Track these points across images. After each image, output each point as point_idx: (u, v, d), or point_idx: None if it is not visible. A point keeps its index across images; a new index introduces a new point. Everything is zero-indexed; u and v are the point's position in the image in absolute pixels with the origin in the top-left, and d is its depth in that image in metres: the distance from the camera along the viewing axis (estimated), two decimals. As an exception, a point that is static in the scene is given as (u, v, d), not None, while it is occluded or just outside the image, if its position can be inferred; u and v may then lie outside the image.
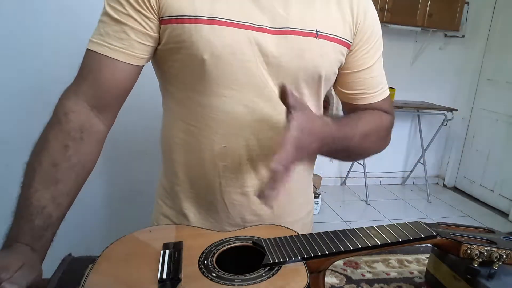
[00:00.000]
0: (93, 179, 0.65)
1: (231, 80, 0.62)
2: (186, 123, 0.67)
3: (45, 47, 1.29)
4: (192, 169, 0.69)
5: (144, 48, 0.62)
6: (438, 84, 3.66)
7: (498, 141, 3.35)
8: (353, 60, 0.70)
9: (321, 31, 0.64)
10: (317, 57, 0.65)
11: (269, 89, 0.64)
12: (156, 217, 0.79)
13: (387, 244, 0.52)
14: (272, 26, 0.62)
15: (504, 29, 3.32)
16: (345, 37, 0.67)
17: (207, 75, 0.62)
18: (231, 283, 0.44)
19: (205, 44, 0.59)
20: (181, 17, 0.59)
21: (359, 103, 0.74)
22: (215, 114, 0.64)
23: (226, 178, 0.68)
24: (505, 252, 0.52)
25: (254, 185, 0.68)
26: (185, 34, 0.59)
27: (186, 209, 0.73)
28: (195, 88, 0.64)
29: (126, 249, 0.51)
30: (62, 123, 0.61)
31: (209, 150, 0.66)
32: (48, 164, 0.58)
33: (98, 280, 0.45)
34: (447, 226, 0.59)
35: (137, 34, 0.61)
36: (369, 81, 0.72)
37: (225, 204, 0.70)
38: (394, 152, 3.70)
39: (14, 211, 0.56)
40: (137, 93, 0.70)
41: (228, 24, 0.59)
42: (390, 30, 3.24)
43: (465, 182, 3.74)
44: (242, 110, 0.64)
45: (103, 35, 0.61)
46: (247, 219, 0.71)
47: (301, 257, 0.48)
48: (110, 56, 0.61)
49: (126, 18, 0.60)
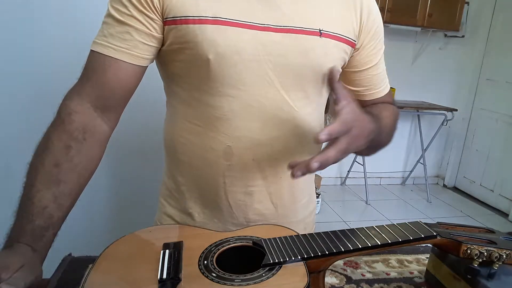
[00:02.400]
0: (94, 179, 0.65)
1: (236, 80, 0.62)
2: (190, 123, 0.67)
3: (47, 48, 1.28)
4: (197, 168, 0.69)
5: (147, 48, 0.62)
6: (438, 84, 3.66)
7: (498, 141, 3.35)
8: (360, 58, 0.71)
9: (325, 30, 0.64)
10: (321, 55, 0.65)
11: (274, 88, 0.64)
12: (159, 217, 0.79)
13: (387, 244, 0.52)
14: (276, 24, 0.62)
15: (504, 29, 3.32)
16: (349, 36, 0.68)
17: (212, 75, 0.62)
18: (231, 283, 0.44)
19: (209, 44, 0.59)
20: (185, 18, 0.59)
21: (365, 99, 0.75)
22: (220, 114, 0.64)
23: (230, 178, 0.68)
24: (505, 252, 0.52)
25: (259, 184, 0.69)
26: (190, 35, 0.59)
27: (190, 209, 0.73)
28: (200, 87, 0.64)
29: (126, 249, 0.51)
30: (65, 123, 0.61)
31: (214, 150, 0.66)
32: (50, 165, 0.58)
33: (98, 280, 0.45)
34: (447, 226, 0.59)
35: (141, 35, 0.61)
36: (376, 77, 0.74)
37: (229, 204, 0.70)
38: (394, 152, 3.70)
39: (16, 211, 0.56)
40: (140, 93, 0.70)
41: (232, 24, 0.60)
42: (390, 30, 3.24)
43: (465, 182, 3.74)
44: (247, 109, 0.64)
45: (106, 36, 0.61)
46: (251, 219, 0.71)
47: (301, 257, 0.48)
48: (114, 57, 0.61)
49: (129, 19, 0.60)
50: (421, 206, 3.33)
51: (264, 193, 0.70)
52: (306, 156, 0.69)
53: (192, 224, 0.72)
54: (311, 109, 0.70)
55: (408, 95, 3.56)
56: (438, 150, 3.87)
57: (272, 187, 0.70)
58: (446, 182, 3.89)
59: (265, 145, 0.66)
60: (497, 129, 3.38)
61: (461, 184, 3.79)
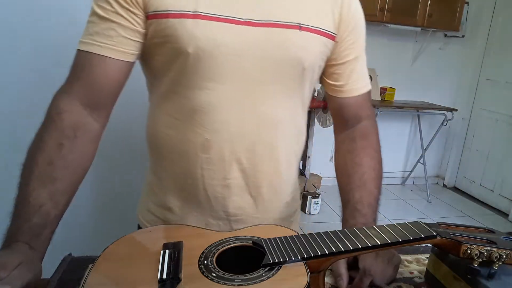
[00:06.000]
0: (94, 179, 0.65)
1: (215, 73, 0.63)
2: (170, 116, 0.68)
3: (46, 47, 1.29)
4: (176, 162, 0.70)
5: (133, 44, 0.63)
6: (438, 84, 3.66)
7: (498, 141, 3.35)
8: (339, 51, 0.72)
9: (304, 24, 0.65)
10: (300, 49, 0.66)
11: (253, 82, 0.65)
12: (141, 213, 0.80)
13: (387, 244, 0.52)
14: (256, 19, 0.63)
15: (504, 29, 3.32)
16: (329, 29, 0.68)
17: (191, 69, 0.63)
18: (231, 283, 0.44)
19: (189, 38, 0.60)
20: (165, 12, 0.60)
21: (343, 96, 0.75)
22: (198, 107, 0.65)
23: (208, 170, 0.68)
24: (505, 252, 0.52)
25: (236, 177, 0.69)
26: (170, 29, 0.60)
27: (170, 203, 0.73)
28: (180, 81, 0.65)
29: (126, 249, 0.51)
30: (56, 122, 0.61)
31: (192, 143, 0.67)
32: (44, 163, 0.58)
33: (98, 280, 0.45)
34: (447, 226, 0.58)
35: (126, 31, 0.62)
36: (355, 73, 0.74)
37: (208, 197, 0.70)
38: (394, 152, 3.70)
39: (12, 211, 0.56)
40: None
41: (212, 19, 0.60)
42: (390, 30, 3.24)
43: (465, 182, 3.74)
44: (225, 102, 0.64)
45: (92, 34, 0.62)
46: (230, 213, 0.72)
47: (301, 257, 0.48)
48: (100, 54, 0.62)
49: (114, 16, 0.61)
50: (421, 206, 3.33)
51: (242, 186, 0.70)
52: (284, 150, 0.72)
53: (172, 218, 0.73)
54: (291, 103, 0.71)
55: (408, 95, 3.56)
56: (438, 150, 3.87)
57: (250, 180, 0.70)
58: (446, 182, 3.89)
59: (243, 138, 0.67)
60: (497, 129, 3.38)
61: (461, 184, 3.79)
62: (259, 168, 0.70)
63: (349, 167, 0.74)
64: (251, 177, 0.70)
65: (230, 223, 0.72)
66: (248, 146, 0.67)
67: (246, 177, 0.70)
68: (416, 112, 3.49)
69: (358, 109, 0.77)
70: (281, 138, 0.70)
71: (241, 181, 0.70)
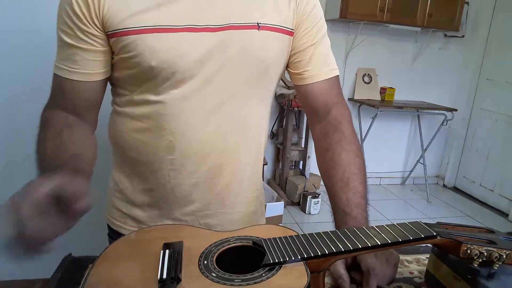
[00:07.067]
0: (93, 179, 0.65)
1: (179, 81, 0.64)
2: (135, 120, 0.69)
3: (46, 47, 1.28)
4: (142, 162, 0.71)
5: (99, 64, 0.65)
6: (438, 84, 3.66)
7: (498, 141, 3.36)
8: (296, 39, 0.72)
9: (262, 22, 0.66)
10: (261, 49, 0.67)
11: (216, 85, 0.66)
12: (109, 211, 0.81)
13: (387, 244, 0.52)
14: (215, 24, 0.63)
15: (504, 29, 3.32)
16: (287, 26, 0.69)
17: (156, 79, 0.64)
18: (231, 283, 0.44)
19: (151, 53, 0.61)
20: (125, 30, 0.61)
21: (308, 83, 0.75)
22: (163, 111, 0.66)
23: (174, 171, 0.70)
24: (505, 252, 0.52)
25: (203, 176, 0.70)
26: (131, 45, 0.61)
27: (138, 200, 0.75)
28: (145, 89, 0.66)
29: (126, 249, 0.51)
30: (50, 123, 0.64)
31: (157, 145, 0.68)
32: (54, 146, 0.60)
33: (98, 280, 0.45)
34: (447, 226, 0.58)
35: (89, 54, 0.63)
36: (315, 58, 0.74)
37: (175, 195, 0.72)
38: (394, 152, 3.70)
39: None
40: None
41: (171, 30, 0.61)
42: (390, 30, 3.24)
43: (465, 182, 3.74)
44: (189, 105, 0.66)
45: (62, 59, 0.65)
46: (198, 209, 0.73)
47: (301, 257, 0.48)
48: (70, 78, 0.64)
49: (76, 40, 0.62)
50: (421, 206, 3.33)
51: (208, 184, 0.71)
52: (249, 148, 0.74)
53: (139, 215, 0.76)
54: (255, 103, 0.72)
55: (408, 95, 3.56)
56: (438, 150, 3.87)
57: (216, 178, 0.72)
58: (446, 182, 3.89)
59: (208, 140, 0.68)
60: (497, 129, 3.38)
61: (461, 184, 3.79)
62: (225, 166, 0.71)
63: (329, 168, 0.73)
64: (217, 175, 0.71)
65: (198, 219, 0.74)
66: (214, 148, 0.69)
67: (212, 176, 0.71)
68: (416, 112, 3.49)
69: (325, 96, 0.76)
70: (246, 136, 0.72)
71: (208, 180, 0.71)
